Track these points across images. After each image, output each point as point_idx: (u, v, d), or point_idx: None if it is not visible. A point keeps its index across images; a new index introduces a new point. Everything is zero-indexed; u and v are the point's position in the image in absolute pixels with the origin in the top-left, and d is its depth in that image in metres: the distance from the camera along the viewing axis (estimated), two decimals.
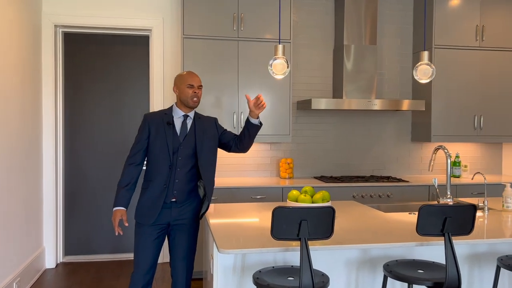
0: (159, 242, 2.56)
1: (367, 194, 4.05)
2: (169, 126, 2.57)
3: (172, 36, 4.35)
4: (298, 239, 1.74)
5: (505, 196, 2.72)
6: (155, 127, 2.58)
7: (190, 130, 2.62)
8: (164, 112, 2.63)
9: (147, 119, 2.61)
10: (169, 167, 2.53)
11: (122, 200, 2.53)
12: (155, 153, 2.55)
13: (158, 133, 2.56)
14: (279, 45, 2.39)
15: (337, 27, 4.48)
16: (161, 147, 2.54)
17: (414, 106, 4.16)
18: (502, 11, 4.48)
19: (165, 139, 2.55)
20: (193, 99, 2.58)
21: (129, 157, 2.59)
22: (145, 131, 2.58)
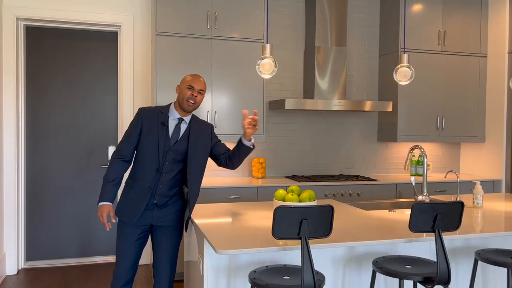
0: (140, 243, 2.51)
1: (338, 193, 4.13)
2: (163, 126, 2.47)
3: (143, 33, 4.23)
4: (298, 238, 1.75)
5: (475, 193, 2.86)
6: (148, 124, 2.47)
7: (183, 135, 2.51)
8: (160, 111, 2.52)
9: (142, 114, 2.49)
10: (156, 170, 2.45)
11: (108, 195, 2.43)
12: (144, 153, 2.46)
13: (150, 132, 2.46)
14: (267, 45, 2.39)
15: (308, 29, 4.54)
16: (150, 147, 2.44)
17: (383, 107, 4.29)
18: (461, 18, 4.73)
19: (157, 140, 2.45)
20: (189, 101, 2.46)
21: (118, 150, 2.48)
22: (137, 127, 2.47)
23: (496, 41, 4.70)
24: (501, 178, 4.60)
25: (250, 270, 2.20)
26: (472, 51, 4.77)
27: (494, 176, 4.68)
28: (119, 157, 2.48)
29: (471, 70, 4.79)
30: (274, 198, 2.47)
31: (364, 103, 4.23)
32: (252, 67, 4.12)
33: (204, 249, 2.15)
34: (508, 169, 4.58)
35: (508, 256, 2.27)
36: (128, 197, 2.48)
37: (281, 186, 3.95)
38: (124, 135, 2.51)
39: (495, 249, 2.40)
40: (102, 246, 4.39)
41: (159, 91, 3.88)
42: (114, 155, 2.48)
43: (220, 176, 4.39)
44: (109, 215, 2.42)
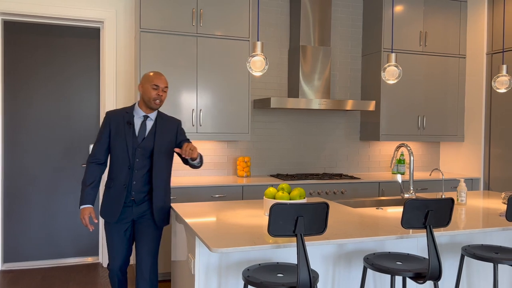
0: (128, 235, 2.66)
1: (323, 191, 4.16)
2: (129, 126, 2.57)
3: (126, 30, 4.16)
4: (294, 236, 1.74)
5: (459, 190, 2.92)
6: (115, 125, 2.58)
7: (150, 132, 2.60)
8: (126, 111, 2.62)
9: (109, 116, 2.62)
10: (128, 168, 2.56)
11: (88, 198, 2.57)
12: (115, 153, 2.58)
13: (118, 132, 2.57)
14: (258, 42, 2.38)
15: (292, 28, 4.55)
16: (121, 147, 2.56)
17: (366, 106, 4.34)
18: (442, 19, 4.82)
19: (125, 139, 2.55)
20: (156, 101, 2.56)
21: (92, 155, 2.62)
22: (106, 129, 2.60)
23: (475, 42, 4.82)
24: (479, 176, 4.72)
25: (241, 268, 2.18)
26: (452, 52, 4.88)
27: (473, 174, 4.80)
28: (93, 160, 2.61)
29: (451, 70, 4.89)
30: (264, 196, 2.46)
31: (348, 102, 4.27)
32: (238, 65, 4.10)
33: (196, 248, 2.12)
34: (486, 167, 4.70)
35: (493, 251, 2.32)
36: (107, 197, 2.61)
37: (266, 184, 3.95)
38: (96, 139, 2.63)
39: (480, 245, 2.45)
40: (83, 247, 4.29)
41: None
42: (89, 160, 2.62)
43: (205, 175, 4.36)
44: (91, 216, 2.53)
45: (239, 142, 4.47)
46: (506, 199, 2.98)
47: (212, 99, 4.04)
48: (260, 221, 2.35)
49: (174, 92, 3.92)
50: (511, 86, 3.04)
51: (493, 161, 4.63)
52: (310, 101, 4.14)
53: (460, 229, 2.20)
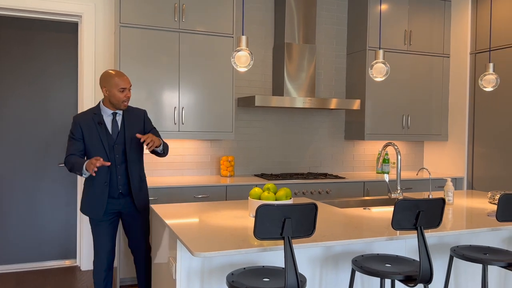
0: (113, 228, 2.75)
1: (308, 191, 4.09)
2: (101, 125, 2.64)
3: (105, 25, 4.02)
4: (281, 238, 1.66)
5: (446, 190, 2.89)
6: (87, 128, 2.64)
7: (121, 126, 2.70)
8: (93, 112, 2.68)
9: (78, 121, 2.65)
10: (109, 165, 2.61)
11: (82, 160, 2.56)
12: (92, 152, 2.63)
13: (91, 133, 2.63)
14: (243, 37, 2.29)
15: (277, 25, 4.48)
16: (96, 146, 2.63)
17: (351, 105, 4.29)
18: (426, 18, 4.81)
19: (99, 139, 2.63)
20: (124, 103, 2.66)
21: (67, 155, 2.64)
22: (78, 133, 2.63)
23: (459, 42, 4.82)
24: (463, 176, 4.72)
25: (224, 272, 2.09)
26: (436, 51, 4.87)
27: (456, 173, 4.80)
28: (72, 154, 2.63)
29: (435, 70, 4.89)
30: (249, 196, 2.38)
31: (332, 101, 4.21)
32: (221, 62, 4.00)
33: (177, 252, 2.02)
34: (470, 167, 4.71)
35: (482, 252, 2.28)
36: (89, 195, 2.68)
37: (250, 184, 3.86)
38: (68, 144, 2.66)
39: (468, 246, 2.41)
40: (59, 250, 4.13)
41: None
42: (65, 157, 2.63)
43: (187, 174, 4.25)
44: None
45: (223, 141, 4.37)
46: (492, 198, 2.96)
47: (195, 97, 3.93)
48: (245, 222, 2.26)
49: (155, 90, 3.80)
50: (498, 84, 3.02)
51: (476, 160, 4.63)
52: (295, 100, 4.06)
53: (450, 230, 2.15)
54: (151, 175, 4.11)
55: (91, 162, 2.42)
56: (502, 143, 4.34)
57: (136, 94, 3.73)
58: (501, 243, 2.73)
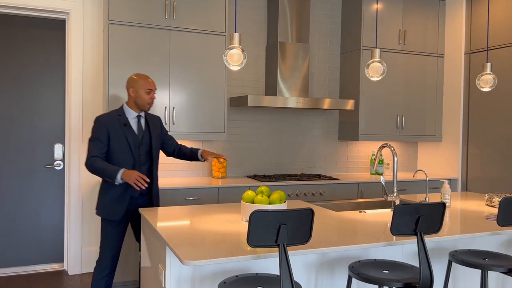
0: (125, 228, 2.81)
1: (301, 193, 4.02)
2: (126, 127, 2.71)
3: (94, 22, 3.91)
4: (276, 246, 1.57)
5: (443, 192, 2.82)
6: (113, 129, 2.68)
7: (145, 129, 2.81)
8: (118, 114, 2.74)
9: (104, 121, 2.68)
10: (132, 166, 2.72)
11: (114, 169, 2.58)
12: (116, 153, 2.68)
13: (117, 134, 2.68)
14: (236, 34, 2.20)
15: (270, 23, 4.39)
16: (122, 147, 2.68)
17: (345, 105, 4.23)
18: (421, 18, 4.76)
19: (126, 140, 2.69)
20: (149, 105, 2.78)
21: (91, 153, 2.63)
22: (103, 134, 2.65)
23: (453, 42, 4.77)
24: (457, 177, 4.68)
25: (217, 280, 2.00)
26: (430, 51, 4.82)
27: (451, 174, 4.75)
28: (95, 155, 2.62)
29: (429, 70, 4.84)
30: (242, 200, 2.29)
31: (326, 101, 4.14)
32: (213, 61, 3.91)
33: (166, 258, 1.93)
34: (464, 168, 4.66)
35: (481, 257, 2.22)
36: (108, 197, 2.70)
37: (243, 186, 3.78)
38: (90, 145, 2.65)
39: (467, 250, 2.35)
40: (47, 253, 4.01)
41: (111, 85, 3.59)
42: (89, 160, 2.60)
43: (178, 176, 4.15)
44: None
45: (215, 141, 4.28)
46: (490, 201, 2.90)
47: (186, 96, 3.83)
48: (238, 227, 2.17)
49: None
50: (495, 84, 2.96)
51: (471, 161, 4.59)
52: (288, 100, 3.99)
53: (449, 235, 2.08)
54: None
55: (135, 177, 2.49)
56: (496, 144, 4.30)
57: (125, 94, 3.63)
58: (499, 247, 2.68)
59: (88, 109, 3.91)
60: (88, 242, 3.95)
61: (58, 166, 3.99)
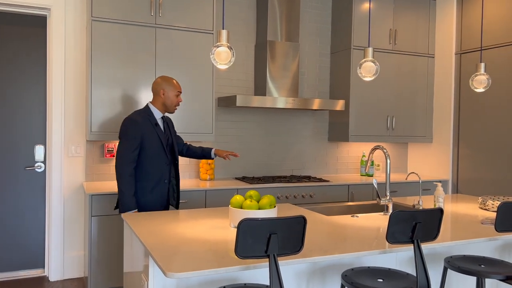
0: None
1: (291, 195, 3.93)
2: (157, 127, 2.77)
3: (76, 18, 3.76)
4: (266, 257, 1.48)
5: (436, 195, 2.75)
6: (146, 128, 2.72)
7: (167, 129, 2.89)
8: (147, 114, 2.79)
9: (138, 122, 2.70)
10: (166, 164, 2.81)
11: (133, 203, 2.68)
12: (149, 153, 2.73)
13: (150, 134, 2.73)
14: (223, 31, 2.10)
15: (259, 22, 4.29)
16: (155, 147, 2.75)
17: (335, 106, 4.15)
18: (411, 17, 4.70)
19: (159, 140, 2.76)
20: (176, 107, 2.88)
21: (130, 162, 2.66)
22: (138, 135, 2.68)
23: (444, 42, 4.73)
24: (448, 178, 4.63)
25: None
26: (421, 51, 4.77)
27: (441, 176, 4.71)
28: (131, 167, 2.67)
29: (420, 70, 4.78)
30: (230, 205, 2.19)
31: (315, 101, 4.06)
32: (201, 60, 3.80)
33: (149, 268, 1.82)
34: (455, 169, 4.62)
35: (478, 264, 2.15)
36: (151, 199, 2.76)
37: (231, 188, 3.67)
38: (125, 144, 2.67)
39: (462, 256, 2.28)
40: (27, 259, 3.86)
41: (94, 85, 3.46)
42: (126, 167, 2.63)
43: None
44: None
45: (202, 142, 4.17)
46: (483, 204, 2.84)
47: None
48: (226, 234, 2.07)
49: (130, 89, 3.57)
50: (489, 85, 2.90)
51: (461, 163, 4.55)
52: (277, 100, 3.89)
53: (445, 241, 2.00)
54: None
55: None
56: (487, 145, 4.26)
57: (109, 93, 3.50)
58: (494, 251, 2.61)
59: (70, 109, 3.77)
60: (70, 247, 3.81)
61: (39, 168, 3.84)
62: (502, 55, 4.13)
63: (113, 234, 3.35)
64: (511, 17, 4.05)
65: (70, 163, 3.77)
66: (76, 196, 3.80)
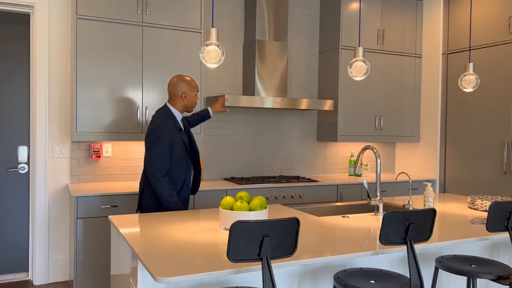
0: None
1: (280, 195, 3.90)
2: (181, 132, 2.78)
3: (61, 16, 3.68)
4: (258, 260, 1.44)
5: (426, 195, 2.75)
6: (173, 136, 2.71)
7: (187, 130, 2.90)
8: (171, 119, 2.75)
9: (165, 128, 2.68)
10: (188, 168, 2.81)
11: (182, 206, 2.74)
12: (176, 158, 2.72)
13: (176, 139, 2.72)
14: (213, 29, 2.06)
15: (247, 21, 4.26)
16: (181, 152, 2.74)
17: (323, 106, 4.14)
18: (399, 18, 4.72)
19: (184, 144, 2.75)
20: (195, 106, 2.87)
21: (162, 169, 2.64)
22: (169, 142, 2.68)
23: (431, 42, 4.75)
24: (435, 178, 4.66)
25: None
26: (408, 51, 4.79)
27: (428, 176, 4.73)
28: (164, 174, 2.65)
29: (407, 70, 4.80)
30: (220, 206, 2.15)
31: (303, 101, 4.04)
32: (188, 59, 3.75)
33: (138, 273, 1.77)
34: (442, 169, 4.65)
35: (469, 263, 2.15)
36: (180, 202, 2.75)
37: (219, 189, 3.63)
38: (158, 154, 2.64)
39: (453, 256, 2.28)
40: (9, 263, 3.76)
41: (80, 84, 3.38)
42: (160, 177, 2.63)
43: None
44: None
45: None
46: (472, 203, 2.85)
47: (159, 95, 3.66)
48: (216, 236, 2.03)
49: (116, 88, 3.50)
50: (478, 85, 2.91)
51: (449, 162, 4.58)
52: (266, 100, 3.86)
53: (438, 241, 1.99)
54: (106, 180, 3.81)
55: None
56: (474, 144, 4.30)
57: (95, 93, 3.43)
58: (483, 251, 2.62)
59: (54, 109, 3.69)
60: (55, 251, 3.72)
61: (22, 169, 3.75)
62: (488, 55, 4.16)
63: (99, 237, 3.29)
64: (497, 18, 4.09)
65: (55, 164, 3.69)
66: (61, 198, 3.72)
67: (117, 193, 3.29)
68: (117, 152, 3.84)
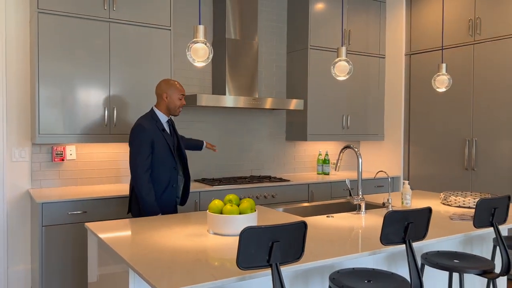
0: None
1: (253, 196, 3.86)
2: (164, 132, 2.76)
3: (18, 10, 3.43)
4: (268, 266, 1.39)
5: (404, 193, 2.81)
6: (155, 135, 2.71)
7: (173, 132, 2.88)
8: (154, 119, 2.77)
9: (147, 128, 2.68)
10: (174, 168, 2.79)
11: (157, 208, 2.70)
12: (160, 158, 2.71)
13: (159, 140, 2.72)
14: (200, 26, 1.98)
15: (216, 19, 4.18)
16: (165, 153, 2.73)
17: (290, 105, 4.13)
18: (364, 19, 4.81)
19: (167, 145, 2.75)
20: (180, 109, 2.84)
21: (146, 169, 2.66)
22: (150, 140, 2.67)
23: (394, 43, 4.88)
24: (400, 175, 4.80)
25: None
26: (372, 51, 4.89)
27: (393, 173, 4.87)
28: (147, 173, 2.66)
29: (372, 70, 4.91)
30: (208, 210, 2.08)
31: (274, 100, 4.02)
32: (158, 57, 3.62)
33: (130, 285, 1.66)
34: (406, 166, 4.79)
35: (452, 259, 2.20)
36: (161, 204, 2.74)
37: (193, 192, 3.53)
38: (138, 152, 2.65)
39: (436, 252, 2.33)
40: None
41: (42, 83, 3.17)
42: (143, 175, 2.63)
43: (124, 182, 3.80)
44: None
45: None
46: (445, 200, 2.95)
47: (127, 95, 3.50)
48: (206, 242, 1.95)
49: (81, 87, 3.32)
50: (450, 85, 3.01)
51: (412, 159, 4.72)
52: (236, 99, 3.81)
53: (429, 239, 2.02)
54: (71, 184, 3.60)
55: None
56: (436, 142, 4.46)
57: (59, 92, 3.23)
58: (458, 245, 2.71)
59: (13, 110, 3.43)
60: (15, 261, 3.47)
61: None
62: (449, 56, 4.33)
63: (68, 245, 3.09)
64: (458, 20, 4.25)
65: (14, 168, 3.44)
66: (20, 204, 3.47)
67: (85, 198, 3.11)
68: (82, 154, 3.64)
